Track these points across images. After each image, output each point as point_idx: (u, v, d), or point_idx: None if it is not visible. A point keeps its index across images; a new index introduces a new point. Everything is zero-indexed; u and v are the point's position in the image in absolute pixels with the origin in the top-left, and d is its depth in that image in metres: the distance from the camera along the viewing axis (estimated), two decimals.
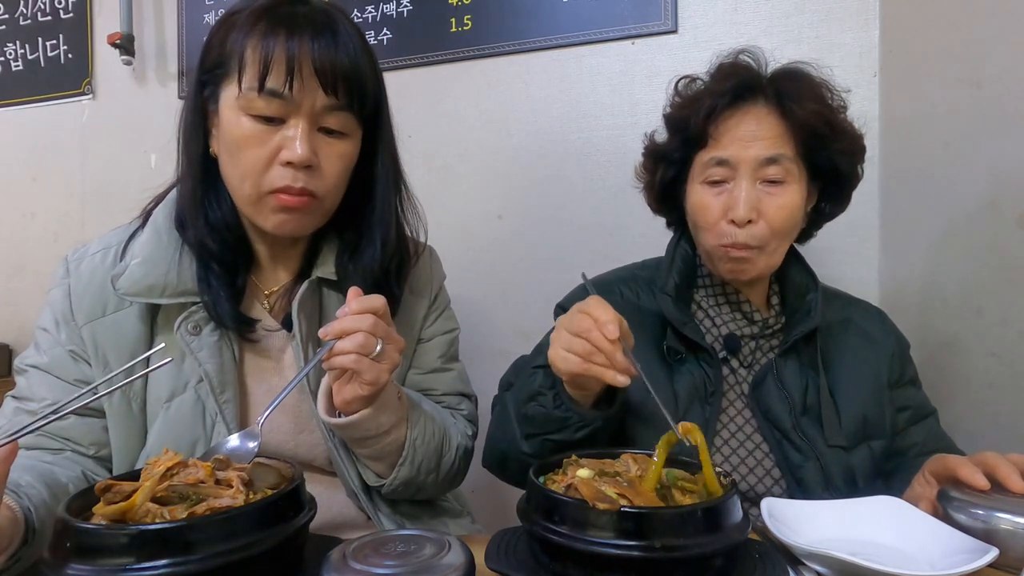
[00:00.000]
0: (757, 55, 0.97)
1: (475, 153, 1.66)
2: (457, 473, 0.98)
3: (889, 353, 1.02)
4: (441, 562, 0.55)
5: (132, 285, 0.83)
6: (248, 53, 0.80)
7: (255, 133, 0.81)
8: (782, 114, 0.92)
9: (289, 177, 0.82)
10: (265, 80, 0.79)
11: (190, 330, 0.85)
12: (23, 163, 2.08)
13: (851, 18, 1.40)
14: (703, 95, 0.95)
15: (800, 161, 0.93)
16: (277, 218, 0.85)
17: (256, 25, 0.81)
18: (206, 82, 0.87)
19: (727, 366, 1.00)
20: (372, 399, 0.82)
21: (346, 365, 0.76)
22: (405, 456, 0.88)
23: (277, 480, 0.69)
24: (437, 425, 0.92)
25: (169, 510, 0.60)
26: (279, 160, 0.82)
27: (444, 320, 1.06)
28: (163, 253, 0.86)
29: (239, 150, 0.82)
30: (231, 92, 0.82)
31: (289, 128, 0.82)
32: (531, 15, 1.59)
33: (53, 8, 2.04)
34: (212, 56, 0.85)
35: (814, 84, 0.95)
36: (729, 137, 0.93)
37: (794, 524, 0.73)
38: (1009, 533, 0.68)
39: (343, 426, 0.83)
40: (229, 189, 0.87)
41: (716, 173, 0.94)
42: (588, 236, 1.57)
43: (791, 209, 0.93)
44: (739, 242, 0.92)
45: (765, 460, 0.94)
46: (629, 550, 0.57)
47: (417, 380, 1.02)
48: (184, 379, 0.86)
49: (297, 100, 0.80)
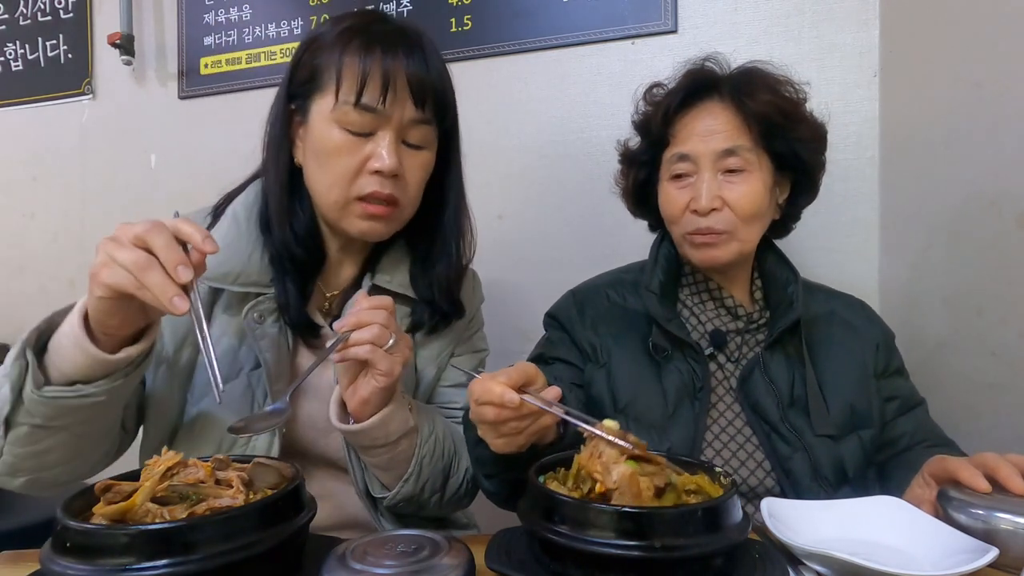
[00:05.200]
0: (719, 60, 1.02)
1: (475, 153, 1.65)
2: (464, 496, 0.98)
3: (874, 343, 1.03)
4: (441, 562, 0.55)
5: (210, 270, 0.85)
6: (345, 68, 0.85)
7: (346, 143, 0.86)
8: (737, 108, 0.96)
9: (376, 183, 0.87)
10: (362, 94, 0.84)
11: (255, 319, 0.89)
12: (23, 163, 2.08)
13: (851, 18, 1.40)
14: (662, 98, 1.02)
15: (760, 151, 0.97)
16: (363, 224, 0.89)
17: (351, 42, 0.86)
18: (294, 95, 0.91)
19: (714, 362, 1.01)
20: (388, 396, 0.83)
21: (361, 356, 0.79)
22: (411, 472, 0.88)
23: (277, 480, 0.69)
24: (448, 446, 0.93)
25: (169, 510, 0.60)
26: (367, 169, 0.86)
27: (477, 340, 1.09)
28: (241, 243, 0.90)
29: (329, 159, 0.87)
30: (324, 105, 0.86)
31: (378, 139, 0.86)
32: (531, 15, 1.59)
33: (53, 8, 2.04)
34: (303, 72, 0.89)
35: (768, 78, 0.99)
36: (687, 133, 0.98)
37: (794, 524, 0.73)
38: (1009, 533, 0.68)
39: (354, 432, 0.84)
40: (314, 195, 0.91)
41: (680, 168, 0.99)
42: (588, 236, 1.57)
43: (753, 196, 0.96)
44: (702, 228, 0.96)
45: (756, 453, 0.95)
46: (629, 550, 0.57)
47: (440, 392, 1.03)
48: (239, 365, 0.90)
49: (388, 113, 0.86)
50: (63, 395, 0.71)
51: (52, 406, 0.72)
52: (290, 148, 0.93)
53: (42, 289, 2.05)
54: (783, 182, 1.02)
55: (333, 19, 0.91)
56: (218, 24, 1.86)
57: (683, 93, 0.99)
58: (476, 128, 1.65)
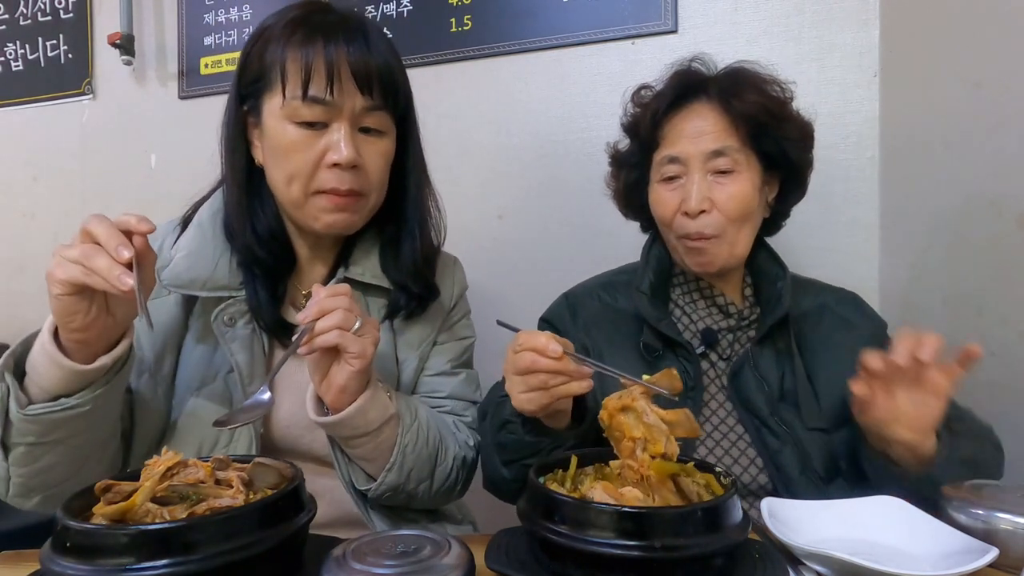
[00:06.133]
0: (706, 60, 1.03)
1: (475, 153, 1.66)
2: (455, 483, 0.98)
3: (868, 336, 1.02)
4: (441, 562, 0.55)
5: (176, 277, 0.88)
6: (289, 63, 0.84)
7: (301, 138, 0.86)
8: (725, 109, 0.96)
9: (335, 179, 0.86)
10: (308, 87, 0.83)
11: (225, 321, 0.89)
12: (23, 163, 2.08)
13: (851, 18, 1.40)
14: (651, 100, 1.02)
15: (749, 151, 0.97)
16: (328, 218, 0.89)
17: (293, 36, 0.85)
18: (246, 96, 0.91)
19: (706, 360, 1.02)
20: (364, 381, 0.84)
21: (330, 341, 0.79)
22: (393, 461, 0.88)
23: (277, 480, 0.68)
24: (432, 434, 0.93)
25: (169, 510, 0.60)
26: (325, 163, 0.86)
27: (461, 327, 1.08)
28: (208, 249, 0.90)
29: (286, 156, 0.86)
30: (275, 102, 0.86)
31: (332, 131, 0.86)
32: (531, 15, 1.59)
33: (53, 8, 2.04)
34: (251, 70, 0.89)
35: (755, 78, 0.99)
36: (676, 134, 0.98)
37: (794, 524, 0.73)
38: (1009, 533, 0.68)
39: (334, 424, 0.84)
40: (276, 194, 0.91)
41: (670, 170, 0.99)
42: (588, 236, 1.57)
43: (742, 197, 0.96)
44: (693, 232, 0.96)
45: (748, 450, 0.95)
46: (629, 550, 0.57)
47: (424, 381, 1.03)
48: (215, 369, 0.90)
49: (338, 104, 0.85)
50: (48, 411, 0.73)
51: (40, 423, 0.74)
52: (248, 149, 0.93)
53: (42, 289, 2.04)
54: (772, 181, 1.03)
55: (276, 13, 0.90)
56: (218, 24, 1.86)
57: (671, 95, 0.99)
58: (476, 128, 1.66)
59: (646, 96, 1.04)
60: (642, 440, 0.67)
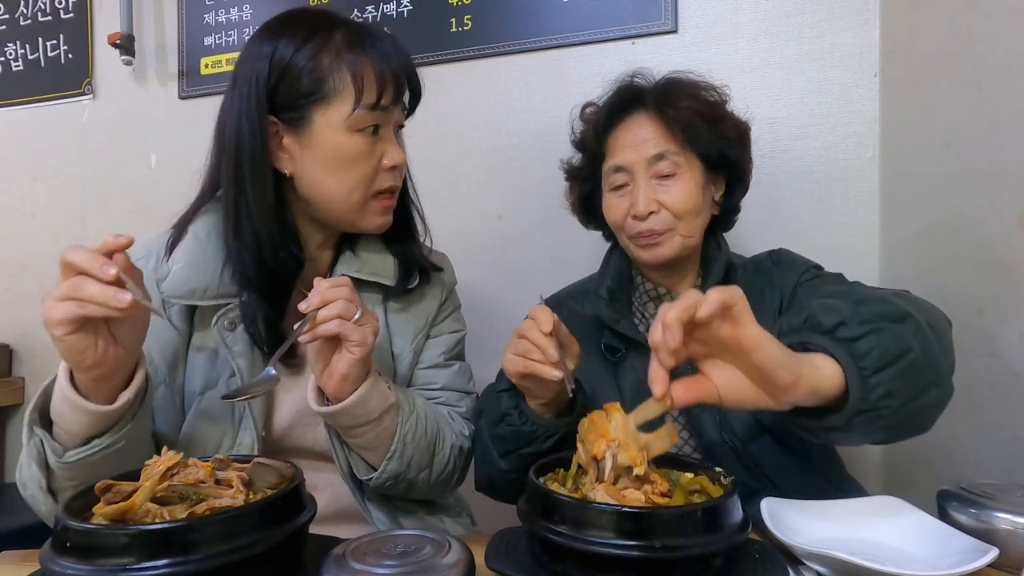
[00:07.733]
0: (646, 74, 1.08)
1: (475, 153, 1.66)
2: (453, 472, 0.99)
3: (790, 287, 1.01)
4: (441, 562, 0.55)
5: (176, 288, 0.89)
6: (365, 74, 0.87)
7: (365, 146, 0.90)
8: (660, 116, 1.01)
9: (392, 179, 0.94)
10: (382, 97, 0.88)
11: (226, 326, 0.90)
12: (23, 163, 2.08)
13: (851, 18, 1.40)
14: (594, 116, 1.09)
15: (689, 153, 1.01)
16: (381, 219, 0.95)
17: (355, 47, 0.88)
18: (282, 107, 0.89)
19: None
20: (365, 370, 0.85)
21: (332, 330, 0.80)
22: (394, 450, 0.90)
23: (277, 480, 0.69)
24: (430, 423, 0.95)
25: (169, 510, 0.60)
26: (383, 167, 0.92)
27: (452, 321, 1.10)
28: (206, 259, 0.91)
29: (350, 164, 0.90)
30: (337, 112, 0.87)
31: (383, 136, 0.92)
32: (531, 15, 1.59)
33: (53, 8, 2.04)
34: (302, 82, 0.87)
35: (688, 85, 1.04)
36: (619, 145, 1.04)
37: (794, 524, 0.73)
38: (1009, 533, 0.68)
39: (336, 413, 0.85)
40: (325, 201, 0.92)
41: (617, 179, 1.04)
42: (587, 236, 1.56)
43: (686, 196, 1.00)
44: (644, 231, 1.01)
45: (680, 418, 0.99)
46: (629, 550, 0.57)
47: (418, 374, 1.04)
48: (217, 373, 0.92)
49: (391, 110, 0.91)
50: (85, 454, 0.75)
51: (80, 466, 0.75)
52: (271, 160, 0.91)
53: (42, 289, 2.05)
54: (718, 180, 1.06)
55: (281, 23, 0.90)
56: (218, 24, 1.86)
57: (609, 108, 1.06)
58: (476, 128, 1.66)
59: (590, 112, 1.10)
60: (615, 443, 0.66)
